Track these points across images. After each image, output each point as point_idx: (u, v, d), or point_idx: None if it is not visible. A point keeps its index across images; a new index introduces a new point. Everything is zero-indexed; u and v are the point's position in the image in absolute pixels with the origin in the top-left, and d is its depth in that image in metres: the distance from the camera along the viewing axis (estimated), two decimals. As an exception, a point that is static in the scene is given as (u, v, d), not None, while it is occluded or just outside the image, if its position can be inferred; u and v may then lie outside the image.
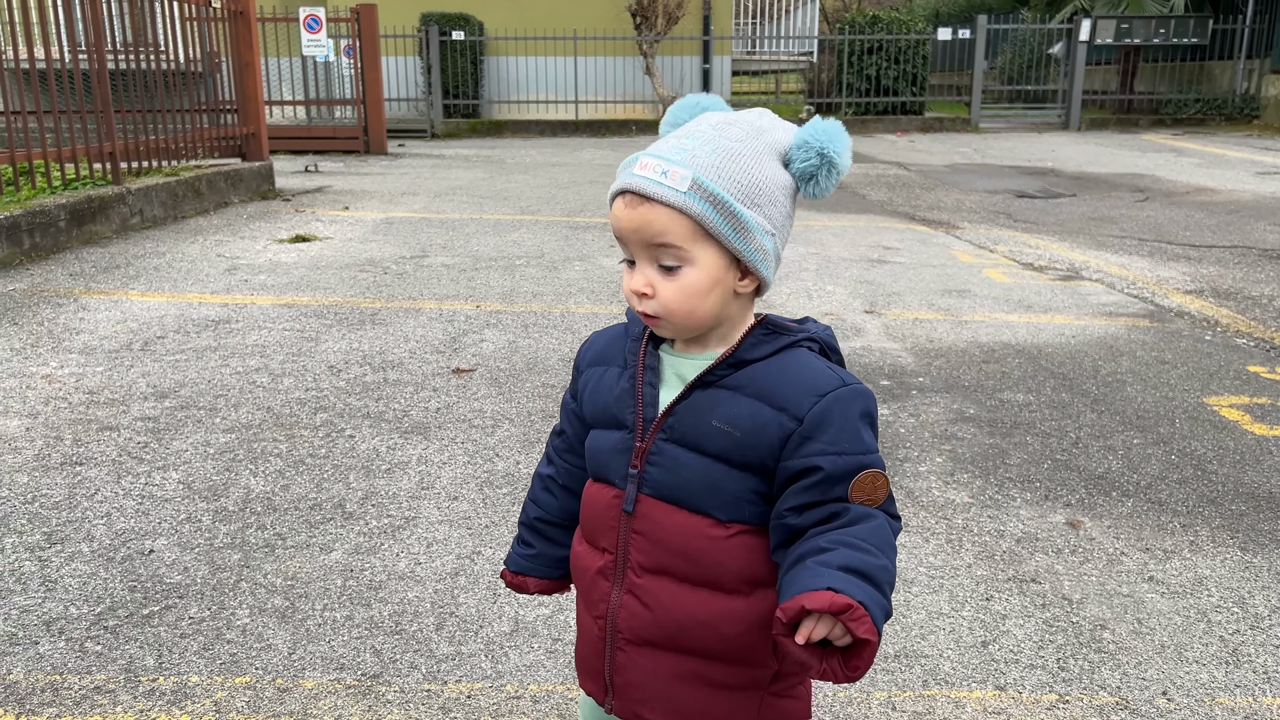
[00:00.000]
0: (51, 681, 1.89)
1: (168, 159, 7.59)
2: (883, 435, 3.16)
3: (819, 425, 1.06)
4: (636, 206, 1.05)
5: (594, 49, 16.48)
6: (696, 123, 1.10)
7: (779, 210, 1.09)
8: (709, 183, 1.03)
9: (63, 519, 2.53)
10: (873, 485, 1.06)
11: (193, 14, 8.12)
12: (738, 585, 1.12)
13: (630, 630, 1.16)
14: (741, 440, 1.08)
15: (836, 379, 1.08)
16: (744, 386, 1.09)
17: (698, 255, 1.05)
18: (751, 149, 1.07)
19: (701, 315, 1.08)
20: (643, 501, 1.13)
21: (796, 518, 1.06)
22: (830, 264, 5.82)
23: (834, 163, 1.08)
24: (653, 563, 1.13)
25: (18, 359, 3.78)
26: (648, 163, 1.05)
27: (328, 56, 12.20)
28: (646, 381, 1.14)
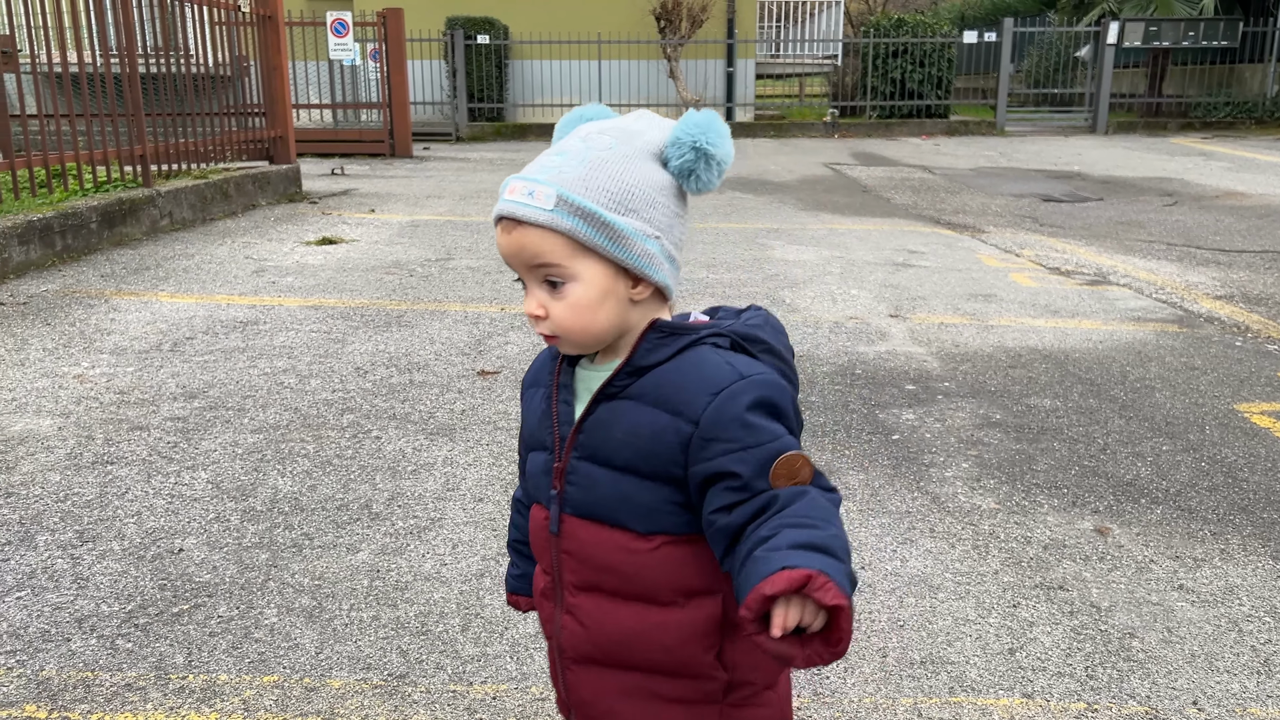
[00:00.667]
0: (83, 678, 1.91)
1: (197, 162, 7.67)
2: (907, 440, 3.14)
3: (714, 425, 1.02)
4: (511, 231, 1.04)
5: (618, 52, 16.51)
6: (569, 138, 1.08)
7: (660, 211, 1.06)
8: (574, 196, 1.02)
9: (94, 517, 2.56)
10: (792, 468, 1.02)
11: (222, 18, 8.20)
12: (671, 596, 1.09)
13: (573, 649, 1.15)
14: (645, 450, 1.05)
15: (733, 373, 1.04)
16: (645, 394, 1.06)
17: (580, 270, 1.03)
18: (620, 154, 1.05)
19: (599, 329, 1.06)
20: (566, 521, 1.12)
21: (727, 517, 1.02)
22: (854, 267, 5.80)
23: (710, 155, 1.05)
24: (583, 581, 1.12)
25: (50, 359, 3.83)
26: (516, 186, 1.05)
27: (354, 60, 12.29)
28: (561, 400, 1.13)
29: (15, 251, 5.22)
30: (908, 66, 16.77)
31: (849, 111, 17.53)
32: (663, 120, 1.10)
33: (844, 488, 2.79)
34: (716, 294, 5.07)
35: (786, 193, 9.29)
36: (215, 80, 8.01)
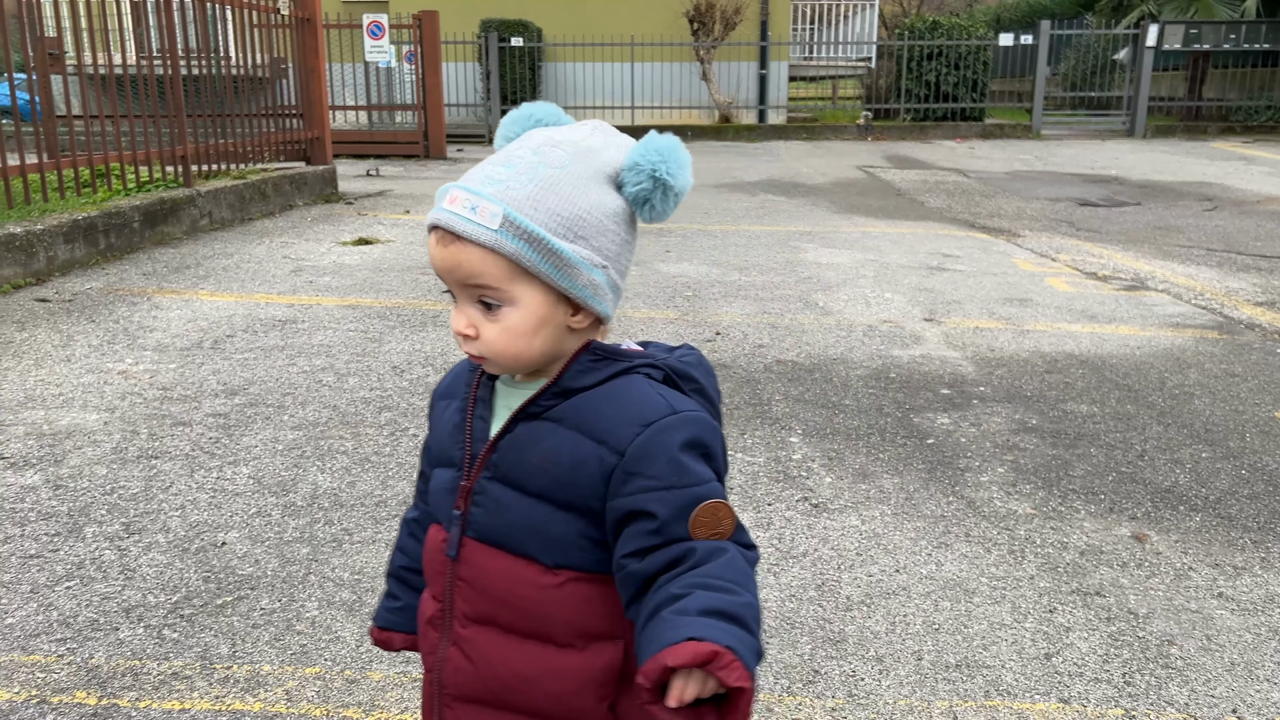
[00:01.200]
0: (131, 666, 1.96)
1: (235, 162, 7.78)
2: (942, 444, 3.14)
3: (640, 459, 0.95)
4: (448, 244, 0.96)
5: (651, 55, 16.54)
6: (518, 144, 1.00)
7: (610, 240, 0.99)
8: (522, 219, 0.94)
9: (140, 510, 2.61)
10: (714, 517, 0.95)
11: (261, 21, 8.32)
12: (569, 638, 1.01)
13: (456, 686, 1.06)
14: (562, 477, 0.98)
15: (665, 407, 0.97)
16: (567, 418, 0.99)
17: (519, 295, 0.96)
18: (574, 175, 0.97)
19: (530, 356, 0.99)
20: (467, 545, 1.03)
21: (639, 563, 0.95)
22: (888, 271, 5.78)
23: (668, 185, 0.98)
24: (477, 612, 1.04)
25: (95, 355, 3.91)
26: (457, 196, 0.96)
27: (390, 62, 12.40)
28: (477, 415, 1.05)
29: (61, 250, 5.32)
30: (942, 69, 16.66)
31: (882, 114, 17.45)
32: (621, 138, 1.02)
33: (878, 491, 2.80)
34: (749, 296, 5.08)
35: (819, 195, 9.26)
36: (253, 82, 8.12)
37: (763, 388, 3.66)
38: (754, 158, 13.07)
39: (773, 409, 3.44)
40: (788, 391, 3.62)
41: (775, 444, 3.13)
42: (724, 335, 4.36)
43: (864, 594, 2.26)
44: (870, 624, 2.14)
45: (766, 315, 4.72)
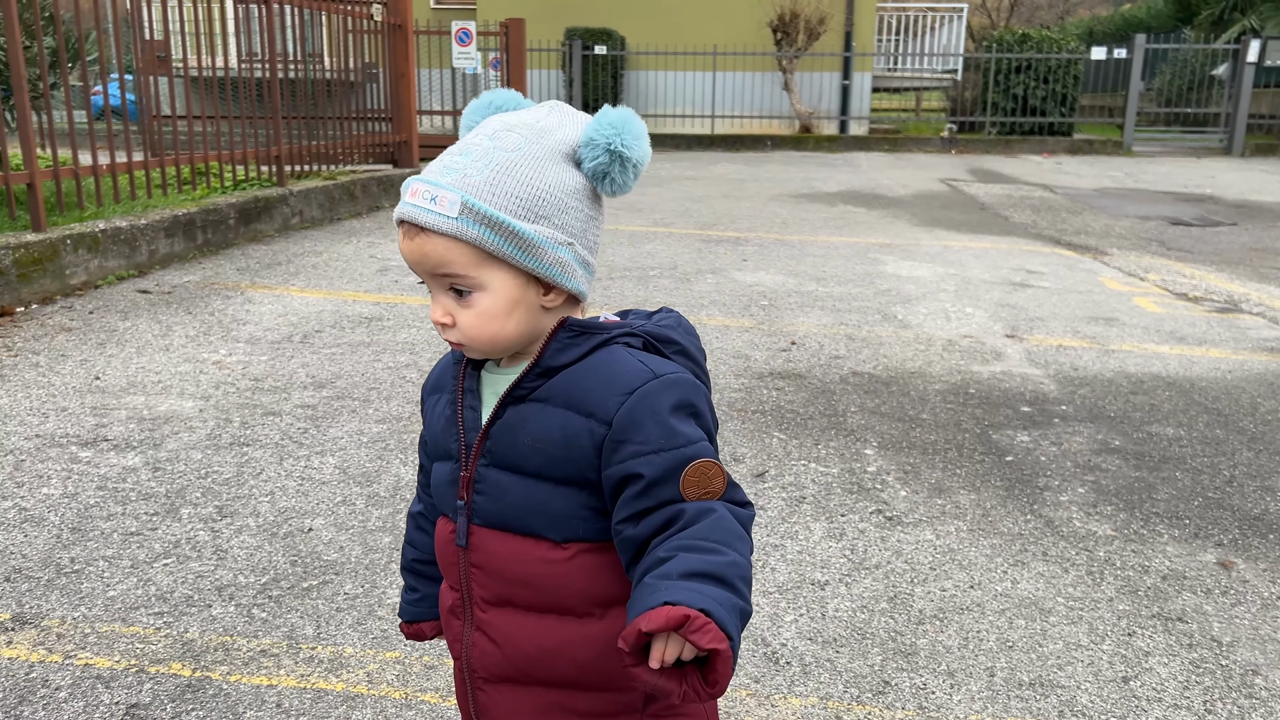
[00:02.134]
0: (223, 642, 2.05)
1: (326, 163, 8.01)
2: (1021, 462, 3.10)
3: (628, 425, 0.97)
4: (414, 237, 0.98)
5: (732, 64, 16.55)
6: (476, 132, 1.02)
7: (573, 216, 1.00)
8: (480, 204, 0.96)
9: (232, 494, 2.72)
10: (704, 477, 0.97)
11: (355, 26, 8.56)
12: (587, 608, 1.04)
13: (484, 669, 1.09)
14: (556, 455, 1.00)
15: (647, 372, 0.99)
16: (553, 396, 1.01)
17: (487, 279, 0.98)
18: (530, 156, 0.98)
19: (507, 338, 1.01)
20: (475, 533, 1.06)
21: (634, 528, 0.98)
22: (970, 286, 5.70)
23: (625, 157, 0.99)
24: (494, 595, 1.07)
25: (192, 345, 4.08)
26: (418, 189, 0.98)
27: (475, 69, 12.64)
28: (466, 405, 1.07)
29: (161, 244, 5.55)
30: (1031, 83, 16.34)
31: (967, 127, 17.18)
32: (577, 115, 1.04)
33: (954, 506, 2.78)
34: (826, 307, 5.06)
35: (900, 208, 9.17)
36: (345, 86, 8.35)
37: (838, 399, 3.65)
38: (834, 168, 12.98)
39: (848, 420, 3.43)
40: (864, 404, 3.61)
41: (850, 455, 3.13)
42: (800, 345, 4.35)
43: (937, 608, 2.25)
44: (943, 638, 2.13)
45: (843, 326, 4.70)
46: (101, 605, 2.16)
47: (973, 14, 25.94)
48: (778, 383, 3.83)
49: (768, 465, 3.03)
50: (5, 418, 3.21)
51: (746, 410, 3.51)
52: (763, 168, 13.03)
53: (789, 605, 2.24)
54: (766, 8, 16.01)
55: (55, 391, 3.47)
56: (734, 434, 3.27)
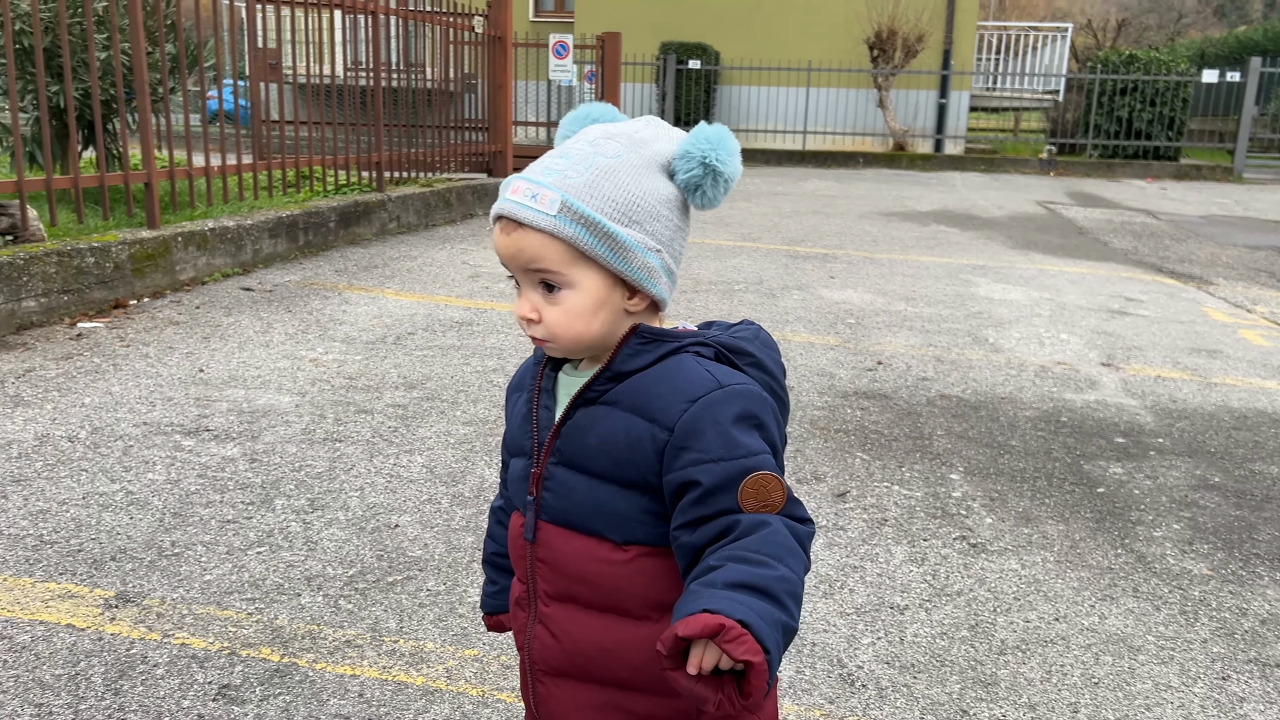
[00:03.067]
0: (310, 631, 2.12)
1: (423, 171, 8.21)
2: (1114, 494, 3.01)
3: (690, 433, 0.99)
4: (510, 232, 1.02)
5: (826, 80, 16.45)
6: (575, 139, 1.06)
7: (663, 225, 1.04)
8: (579, 204, 1.00)
9: (324, 488, 2.81)
10: (763, 489, 0.98)
11: (457, 38, 8.76)
12: (644, 611, 1.06)
13: (544, 661, 1.12)
14: (620, 457, 1.03)
15: (712, 381, 1.01)
16: (621, 400, 1.04)
17: (577, 278, 1.02)
18: (628, 164, 1.02)
19: (590, 337, 1.04)
20: (542, 528, 1.09)
21: (690, 535, 1.00)
22: (1065, 311, 5.56)
23: (719, 172, 1.03)
24: (557, 590, 1.10)
25: (290, 342, 4.22)
26: (519, 186, 1.02)
27: (571, 81, 12.81)
28: (542, 405, 1.11)
29: (265, 244, 5.77)
30: (1136, 105, 15.86)
31: (1067, 149, 16.75)
32: (672, 130, 1.08)
33: (1041, 536, 2.71)
34: (915, 328, 4.99)
35: (995, 229, 8.98)
36: (444, 95, 8.56)
37: (924, 421, 3.60)
38: (927, 187, 12.78)
39: (934, 444, 3.38)
40: (950, 427, 3.55)
41: (934, 480, 3.08)
42: (886, 365, 4.30)
43: (1020, 639, 2.20)
44: (1025, 670, 2.08)
45: (932, 348, 4.63)
46: (199, 588, 2.26)
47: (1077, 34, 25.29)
48: (862, 402, 3.79)
49: (849, 485, 3.00)
50: (116, 405, 3.37)
51: (829, 429, 3.48)
52: (854, 185, 12.91)
53: (866, 628, 2.22)
54: (864, 25, 15.89)
55: (162, 382, 3.63)
56: (816, 452, 3.25)
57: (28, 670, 1.93)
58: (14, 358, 3.83)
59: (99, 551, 2.40)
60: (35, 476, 2.79)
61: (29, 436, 3.06)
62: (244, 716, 1.83)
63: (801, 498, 2.82)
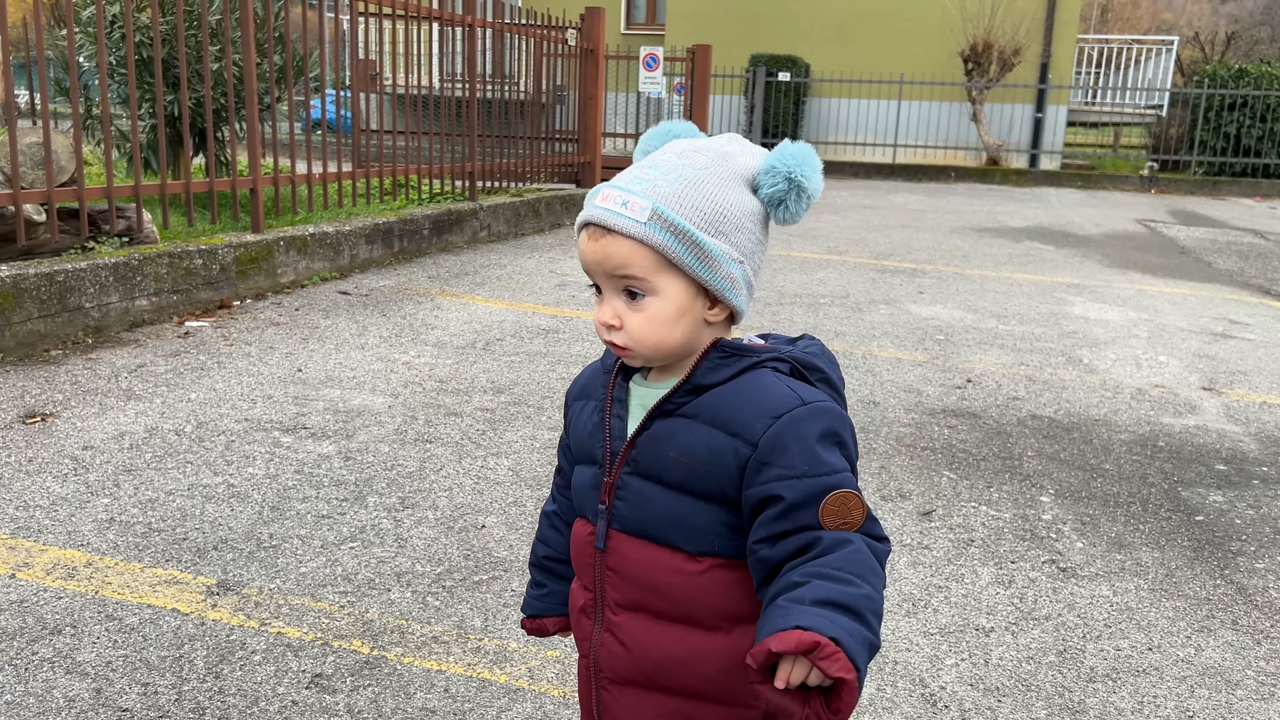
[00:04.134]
0: (399, 625, 2.18)
1: (514, 180, 8.36)
2: (1213, 523, 2.90)
3: (774, 449, 1.00)
4: (599, 239, 1.03)
5: (918, 93, 16.23)
6: (662, 151, 1.08)
7: (747, 237, 1.06)
8: (669, 212, 1.01)
9: (414, 487, 2.89)
10: (844, 507, 0.99)
11: (550, 50, 8.91)
12: (716, 621, 1.07)
13: (611, 670, 1.13)
14: (699, 470, 1.04)
15: (794, 398, 1.02)
16: (701, 414, 1.05)
17: (662, 285, 1.03)
18: (715, 176, 1.04)
19: (670, 345, 1.05)
20: (613, 537, 1.10)
21: (770, 549, 1.00)
22: (1164, 333, 5.38)
23: (803, 187, 1.04)
24: (627, 600, 1.10)
25: (384, 345, 4.35)
26: (609, 194, 1.03)
27: (660, 93, 12.89)
28: (614, 414, 1.11)
29: (362, 249, 5.94)
30: (1245, 121, 15.26)
31: (1170, 166, 16.19)
32: (755, 146, 1.09)
33: (1135, 563, 2.63)
34: (1006, 346, 4.89)
35: (1091, 247, 8.74)
36: (535, 107, 8.70)
37: (1014, 442, 3.53)
38: (1021, 203, 12.50)
39: (1024, 465, 3.31)
40: (1041, 449, 3.47)
41: (1024, 501, 3.02)
42: (976, 383, 4.23)
43: (1110, 667, 2.14)
44: (1115, 699, 2.03)
45: (1024, 367, 4.53)
46: (294, 580, 2.34)
47: (1183, 46, 24.47)
48: (950, 420, 3.73)
49: (935, 504, 2.96)
50: (220, 401, 3.52)
51: (916, 446, 3.44)
52: (945, 199, 12.70)
53: (950, 649, 2.19)
54: (958, 37, 15.64)
55: (263, 380, 3.77)
56: (901, 470, 3.21)
57: (136, 650, 2.03)
58: (127, 353, 4.02)
59: (202, 541, 2.51)
60: (145, 467, 2.93)
61: (139, 429, 3.22)
62: (335, 705, 1.89)
63: (886, 515, 2.81)
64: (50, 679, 1.92)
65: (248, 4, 5.06)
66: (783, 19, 16.76)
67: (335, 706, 1.89)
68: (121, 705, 1.86)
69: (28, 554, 2.39)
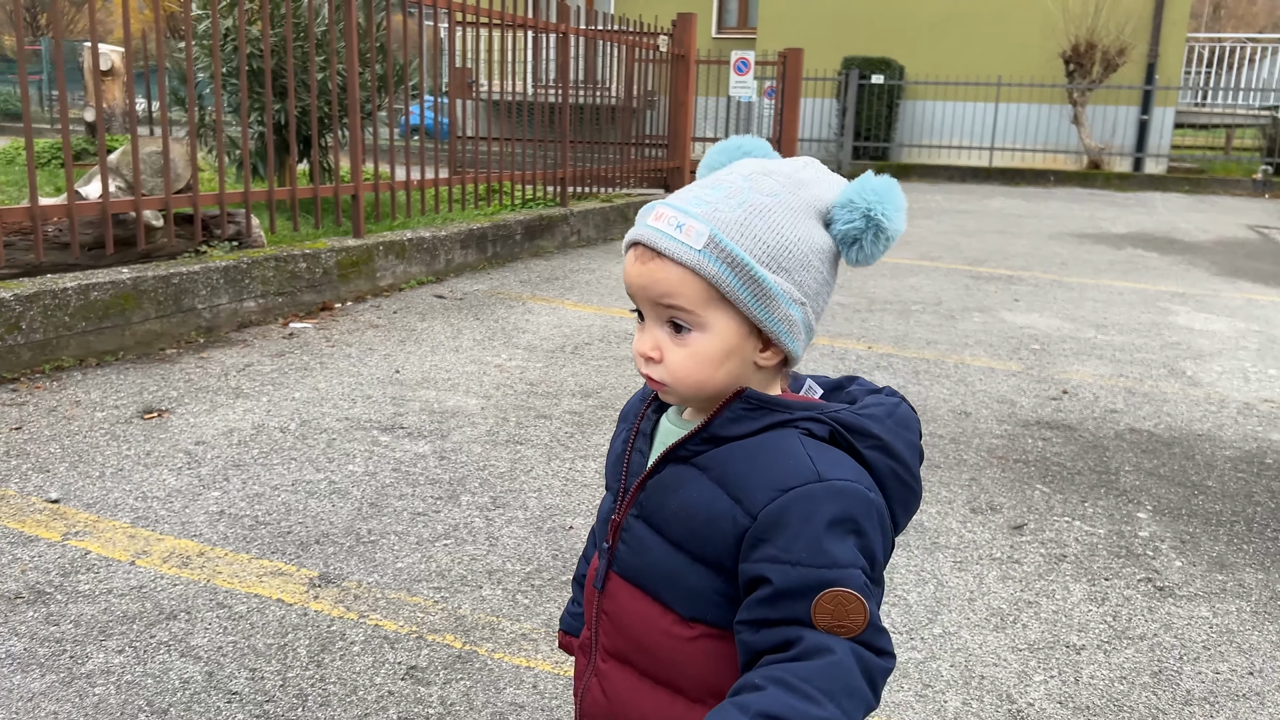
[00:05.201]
0: (490, 622, 2.25)
1: (604, 186, 8.45)
2: (1324, 545, 2.79)
3: (773, 526, 0.88)
4: (647, 261, 0.93)
5: (1016, 95, 15.84)
6: (728, 171, 0.96)
7: (812, 276, 0.94)
8: (728, 241, 0.90)
9: (505, 487, 2.97)
10: (841, 608, 0.86)
11: (642, 56, 8.98)
12: (701, 694, 0.97)
13: (592, 716, 1.06)
14: (697, 530, 0.93)
15: (810, 472, 0.89)
16: (712, 468, 0.94)
17: (711, 320, 0.92)
18: (785, 205, 0.93)
19: (713, 387, 0.94)
20: (611, 580, 1.02)
21: (752, 635, 0.91)
22: (1275, 345, 5.16)
23: (881, 227, 0.93)
24: (616, 649, 1.02)
25: (478, 348, 4.46)
26: (664, 213, 0.93)
27: (751, 97, 12.87)
28: (636, 448, 1.03)
29: (457, 254, 6.10)
30: (1370, 121, 14.48)
31: (1286, 169, 15.47)
32: (833, 175, 0.98)
33: (1237, 584, 2.55)
34: (1105, 357, 4.76)
35: (1198, 254, 8.43)
36: (626, 112, 8.79)
37: (1111, 456, 3.44)
38: (1124, 208, 12.11)
39: (1120, 480, 3.23)
40: (1140, 463, 3.38)
41: (1120, 517, 2.94)
42: (1072, 395, 4.13)
43: (1207, 690, 2.09)
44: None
45: (1123, 379, 4.41)
46: (391, 574, 2.44)
47: (1303, 43, 23.27)
48: (1044, 432, 3.66)
49: (1027, 518, 2.91)
50: (322, 400, 3.66)
51: (1008, 458, 3.38)
52: (1043, 204, 12.38)
53: (1039, 665, 2.16)
54: (1059, 38, 15.22)
55: (363, 380, 3.91)
56: (993, 482, 3.17)
57: (244, 637, 2.14)
58: (235, 353, 4.22)
59: (305, 534, 2.62)
60: (252, 462, 3.07)
61: (247, 425, 3.37)
62: (429, 697, 1.97)
63: (975, 528, 2.78)
64: (166, 661, 2.04)
65: (351, 15, 5.25)
66: (876, 21, 16.55)
67: (429, 698, 1.96)
68: (231, 689, 1.96)
69: (146, 542, 2.54)
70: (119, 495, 2.80)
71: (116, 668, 2.01)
